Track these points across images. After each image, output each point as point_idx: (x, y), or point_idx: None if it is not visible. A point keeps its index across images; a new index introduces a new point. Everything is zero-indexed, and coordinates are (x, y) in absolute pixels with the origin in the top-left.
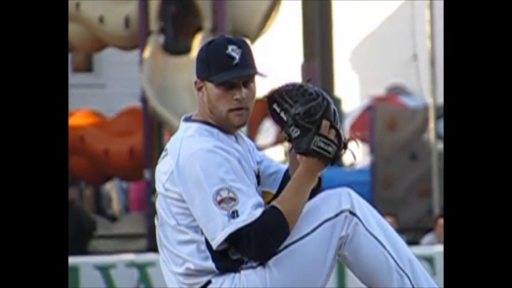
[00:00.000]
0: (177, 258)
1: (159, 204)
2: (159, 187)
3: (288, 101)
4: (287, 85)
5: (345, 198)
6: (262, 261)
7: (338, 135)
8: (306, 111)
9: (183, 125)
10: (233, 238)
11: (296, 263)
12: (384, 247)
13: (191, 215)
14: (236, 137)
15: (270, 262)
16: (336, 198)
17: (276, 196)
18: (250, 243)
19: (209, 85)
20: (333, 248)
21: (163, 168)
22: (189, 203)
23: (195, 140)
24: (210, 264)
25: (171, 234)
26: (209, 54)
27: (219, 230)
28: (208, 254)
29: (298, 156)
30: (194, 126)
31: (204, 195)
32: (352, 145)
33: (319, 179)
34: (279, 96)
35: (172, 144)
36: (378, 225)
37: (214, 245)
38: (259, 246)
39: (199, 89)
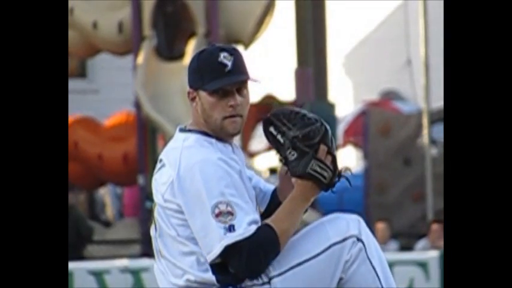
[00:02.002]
0: (177, 269)
1: (158, 215)
2: (157, 198)
3: (286, 124)
4: (284, 109)
5: (353, 223)
6: (249, 277)
7: (334, 161)
8: (304, 134)
9: (180, 135)
10: (227, 251)
11: (303, 283)
12: (379, 280)
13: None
14: (232, 147)
15: (277, 281)
16: (345, 222)
17: (263, 214)
18: (241, 257)
19: (203, 94)
20: (338, 271)
21: (162, 179)
22: (188, 214)
23: (196, 151)
24: (210, 276)
25: (171, 245)
26: (201, 63)
27: (216, 243)
28: (208, 266)
29: (293, 179)
30: (193, 136)
31: (203, 207)
32: (346, 173)
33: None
34: (276, 119)
35: (170, 155)
36: (378, 257)
37: (210, 258)
38: (250, 261)
39: (193, 99)
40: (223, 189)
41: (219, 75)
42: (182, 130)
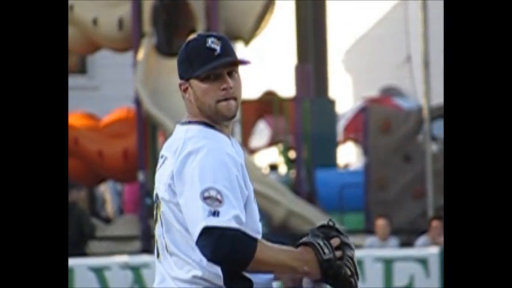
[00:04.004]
0: (185, 264)
1: (165, 210)
2: (162, 193)
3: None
4: None
5: None
6: (213, 262)
7: (341, 258)
8: (323, 225)
9: (181, 128)
10: (203, 232)
11: None
12: None
13: None
14: (231, 142)
15: None
16: None
17: None
18: (211, 241)
19: (194, 82)
20: None
21: (166, 172)
22: (179, 195)
23: (198, 141)
24: (218, 275)
25: (180, 239)
26: (189, 52)
27: (198, 223)
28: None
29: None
30: (195, 127)
31: (193, 188)
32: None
33: None
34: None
35: (172, 147)
36: None
37: (195, 238)
38: (216, 250)
39: (185, 91)
40: (218, 178)
41: (208, 60)
42: (182, 124)
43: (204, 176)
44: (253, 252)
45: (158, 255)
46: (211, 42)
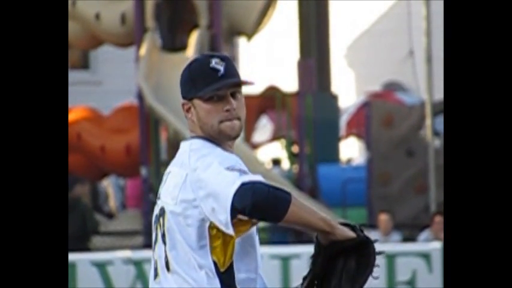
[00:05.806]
0: (185, 283)
1: (171, 226)
2: (170, 206)
3: None
4: None
5: None
6: (254, 216)
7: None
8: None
9: (185, 143)
10: (239, 189)
11: None
12: None
13: (204, 237)
14: None
15: None
16: None
17: None
18: (247, 192)
19: (197, 102)
20: None
21: (175, 182)
22: (200, 190)
23: (203, 149)
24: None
25: (184, 257)
26: (193, 72)
27: (230, 187)
28: (217, 280)
29: None
30: (199, 141)
31: (216, 171)
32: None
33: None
34: None
35: (177, 161)
36: None
37: (229, 202)
38: (256, 198)
39: (188, 110)
40: (235, 164)
41: (212, 80)
42: (186, 140)
43: (222, 162)
44: (291, 197)
45: (156, 276)
46: (215, 63)
